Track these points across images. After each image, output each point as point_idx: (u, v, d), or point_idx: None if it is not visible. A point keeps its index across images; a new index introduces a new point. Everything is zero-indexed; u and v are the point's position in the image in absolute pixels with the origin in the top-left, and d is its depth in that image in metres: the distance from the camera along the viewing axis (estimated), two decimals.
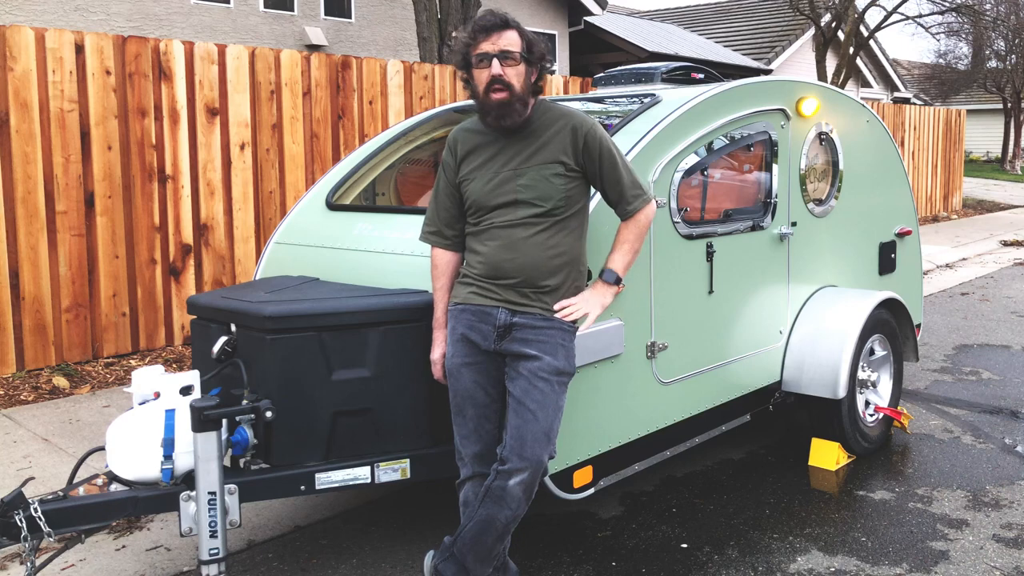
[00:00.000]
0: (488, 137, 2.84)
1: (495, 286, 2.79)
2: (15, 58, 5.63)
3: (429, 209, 2.95)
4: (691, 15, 24.67)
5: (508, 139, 2.82)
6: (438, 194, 2.92)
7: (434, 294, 2.95)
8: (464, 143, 2.89)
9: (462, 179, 2.86)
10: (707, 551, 3.46)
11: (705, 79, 4.44)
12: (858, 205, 4.71)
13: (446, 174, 2.90)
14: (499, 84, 2.66)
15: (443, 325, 2.93)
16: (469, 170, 2.84)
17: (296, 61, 7.06)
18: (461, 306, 2.84)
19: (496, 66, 2.66)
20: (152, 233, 6.34)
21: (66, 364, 5.91)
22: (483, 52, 2.68)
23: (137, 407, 2.98)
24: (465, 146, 2.88)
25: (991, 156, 32.28)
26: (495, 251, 2.78)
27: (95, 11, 10.08)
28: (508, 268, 2.77)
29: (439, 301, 2.94)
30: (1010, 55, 27.34)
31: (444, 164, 2.90)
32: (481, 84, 2.70)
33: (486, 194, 2.79)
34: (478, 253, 2.82)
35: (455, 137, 2.92)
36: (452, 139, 2.92)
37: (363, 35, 13.03)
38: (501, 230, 2.79)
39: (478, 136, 2.87)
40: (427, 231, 2.96)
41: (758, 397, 4.12)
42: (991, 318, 7.80)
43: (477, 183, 2.82)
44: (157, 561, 3.44)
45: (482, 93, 2.71)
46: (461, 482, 2.88)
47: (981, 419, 5.02)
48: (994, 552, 3.43)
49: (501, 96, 2.67)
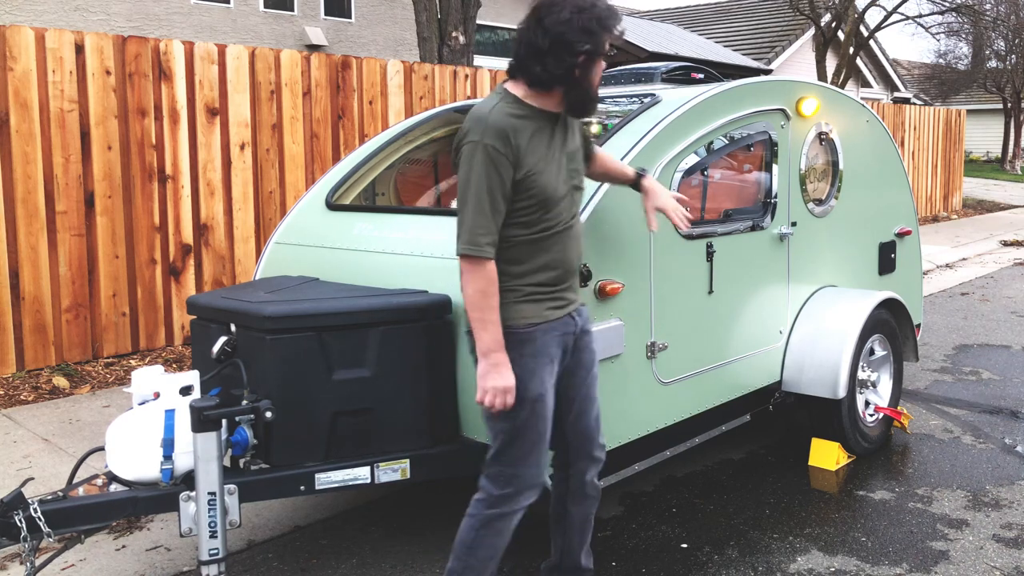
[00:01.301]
0: (536, 123, 2.56)
1: (564, 291, 2.67)
2: (15, 58, 5.63)
3: (479, 216, 2.46)
4: (691, 15, 24.68)
5: (550, 122, 2.61)
6: (493, 197, 2.47)
7: (492, 314, 2.49)
8: (521, 131, 2.51)
9: (530, 172, 2.51)
10: (707, 551, 3.46)
11: (705, 79, 4.44)
12: (858, 205, 4.71)
13: (500, 172, 2.46)
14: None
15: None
16: (535, 160, 2.53)
17: (296, 61, 7.06)
18: (544, 326, 2.61)
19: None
20: (152, 233, 6.34)
21: (66, 364, 5.91)
22: (606, 46, 2.55)
23: (137, 407, 2.98)
24: (523, 135, 2.51)
25: (991, 156, 32.28)
26: (566, 251, 2.64)
27: (95, 11, 10.08)
28: (575, 265, 2.71)
29: (498, 322, 2.52)
30: (1010, 55, 27.34)
31: (496, 157, 2.45)
32: (598, 75, 2.58)
33: (557, 185, 2.59)
34: (542, 258, 2.59)
35: (506, 127, 2.48)
36: (502, 129, 2.47)
37: (363, 35, 13.03)
38: (570, 228, 2.66)
39: (527, 122, 2.54)
40: (487, 242, 2.47)
41: (758, 397, 4.11)
42: (991, 318, 7.80)
43: (547, 176, 2.55)
44: (157, 561, 3.44)
45: (597, 84, 2.58)
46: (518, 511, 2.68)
47: (981, 419, 5.02)
48: (994, 552, 3.43)
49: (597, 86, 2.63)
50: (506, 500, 2.64)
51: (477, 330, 2.50)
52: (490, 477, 2.67)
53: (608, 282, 3.22)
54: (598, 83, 2.60)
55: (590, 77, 2.54)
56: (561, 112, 2.63)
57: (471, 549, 2.65)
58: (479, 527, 2.65)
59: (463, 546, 2.67)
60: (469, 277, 2.48)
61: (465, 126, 2.53)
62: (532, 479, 2.66)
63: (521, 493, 2.65)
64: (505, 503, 2.65)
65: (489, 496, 2.65)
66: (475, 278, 2.48)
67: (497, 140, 2.46)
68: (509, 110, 2.52)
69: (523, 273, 2.59)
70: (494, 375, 2.50)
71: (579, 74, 2.52)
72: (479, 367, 2.53)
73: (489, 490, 2.66)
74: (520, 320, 2.58)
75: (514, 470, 2.63)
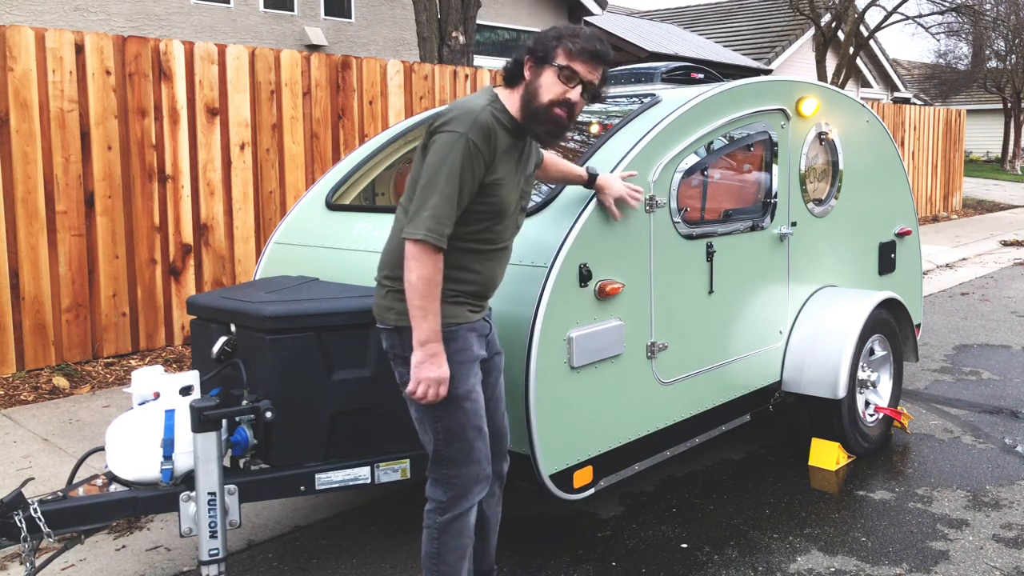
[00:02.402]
0: (512, 138, 2.59)
1: (482, 299, 2.70)
2: (15, 58, 5.63)
3: (447, 206, 2.44)
4: (691, 15, 24.67)
5: (521, 141, 2.65)
6: (462, 191, 2.46)
7: (434, 303, 2.46)
8: (500, 139, 2.52)
9: (498, 180, 2.53)
10: (707, 551, 3.46)
11: (705, 79, 4.43)
12: (858, 205, 4.71)
13: (475, 169, 2.46)
14: (569, 109, 2.57)
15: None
16: (504, 172, 2.55)
17: (296, 61, 7.06)
18: (467, 326, 2.61)
19: (577, 93, 2.56)
20: (152, 233, 6.34)
21: (66, 364, 5.91)
22: (576, 72, 2.54)
23: (137, 407, 2.98)
24: (501, 142, 2.53)
25: (991, 156, 32.28)
26: (496, 270, 2.67)
27: (95, 11, 10.08)
28: (497, 286, 2.74)
29: (439, 312, 2.49)
30: (1010, 55, 27.34)
31: (475, 154, 2.45)
32: (549, 94, 2.53)
33: (512, 201, 2.61)
34: (474, 271, 2.60)
35: (492, 128, 2.48)
36: (487, 129, 2.47)
37: (363, 35, 13.02)
38: (507, 249, 2.68)
39: (507, 134, 2.56)
40: (447, 234, 2.46)
41: (758, 397, 4.11)
42: (991, 318, 7.80)
43: (508, 189, 2.57)
44: (157, 561, 3.44)
45: (546, 102, 2.53)
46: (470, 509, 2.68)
47: (981, 419, 5.02)
48: (994, 552, 3.43)
49: (562, 117, 2.56)
50: (454, 503, 2.62)
51: (417, 319, 2.44)
52: (434, 482, 2.64)
53: (608, 282, 3.22)
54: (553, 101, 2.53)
55: (537, 83, 2.54)
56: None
57: (438, 558, 2.63)
58: (438, 535, 2.62)
59: (429, 558, 2.64)
60: (418, 263, 2.42)
61: (449, 114, 2.49)
62: (475, 475, 2.63)
63: (468, 491, 2.63)
64: (454, 506, 2.62)
65: (438, 503, 2.62)
66: (425, 266, 2.42)
67: (480, 138, 2.45)
68: (498, 116, 2.54)
69: (455, 279, 2.56)
70: (429, 365, 2.46)
71: (529, 77, 2.57)
72: (414, 357, 2.47)
73: (437, 497, 2.63)
74: (445, 320, 2.54)
75: (455, 471, 2.60)
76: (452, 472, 2.61)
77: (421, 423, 2.63)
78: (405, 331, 2.54)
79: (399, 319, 2.56)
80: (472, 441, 2.61)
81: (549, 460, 3.08)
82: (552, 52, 2.54)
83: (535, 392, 2.99)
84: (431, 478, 2.64)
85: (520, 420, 3.02)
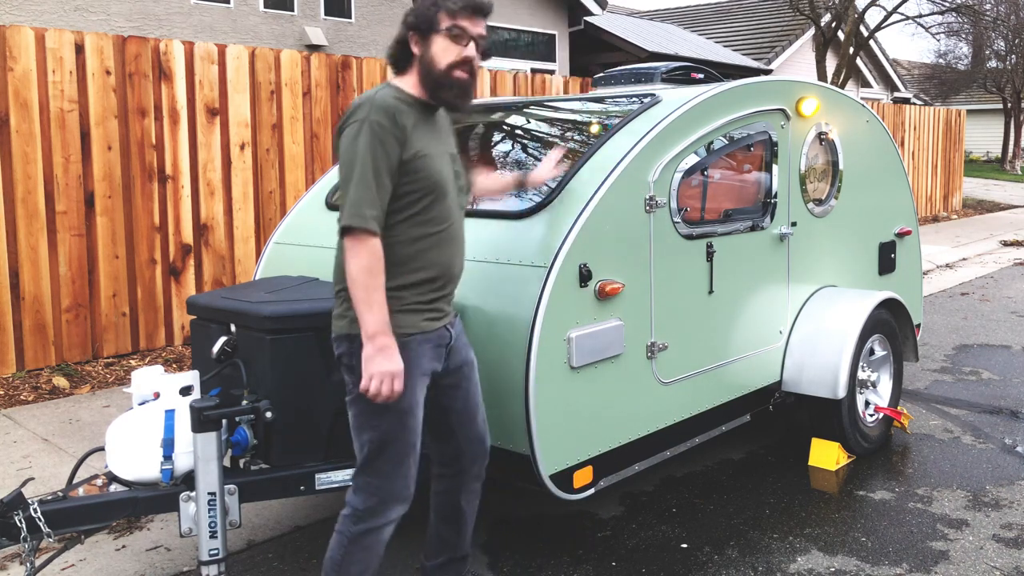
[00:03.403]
0: (418, 111, 2.54)
1: (441, 301, 2.61)
2: (15, 58, 5.63)
3: (364, 190, 2.38)
4: (691, 15, 24.67)
5: (432, 117, 2.60)
6: (379, 172, 2.40)
7: (378, 294, 2.39)
8: (406, 114, 2.48)
9: (418, 153, 2.48)
10: (707, 551, 3.46)
11: (705, 79, 4.44)
12: (858, 205, 4.71)
13: (387, 148, 2.41)
14: (469, 67, 2.55)
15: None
16: (423, 144, 2.50)
17: (296, 61, 7.06)
18: (419, 337, 2.54)
19: (472, 49, 2.54)
20: (152, 233, 6.34)
21: (66, 364, 5.91)
22: (461, 28, 2.52)
23: (137, 407, 2.98)
24: (407, 117, 2.48)
25: (991, 156, 32.28)
26: (452, 256, 2.59)
27: (95, 11, 10.07)
28: (457, 273, 2.64)
29: (384, 303, 2.41)
30: (1010, 55, 27.34)
31: (382, 133, 2.41)
32: (446, 58, 2.51)
33: (447, 175, 2.56)
34: (425, 262, 2.52)
35: (392, 106, 2.45)
36: (389, 106, 2.44)
37: (363, 35, 13.02)
38: (456, 232, 2.60)
39: (411, 108, 2.52)
40: (372, 216, 2.39)
41: (758, 397, 4.11)
42: (991, 318, 7.80)
43: (437, 161, 2.52)
44: (157, 561, 3.44)
45: (444, 67, 2.51)
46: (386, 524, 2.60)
47: (981, 419, 5.02)
48: (994, 552, 3.43)
49: (465, 78, 2.55)
50: (372, 514, 2.56)
51: (362, 311, 2.38)
52: (356, 489, 2.59)
53: (608, 282, 3.22)
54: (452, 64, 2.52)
55: (431, 53, 2.52)
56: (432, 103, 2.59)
57: (340, 566, 2.58)
58: (348, 544, 2.57)
59: (332, 564, 2.59)
60: (353, 254, 2.37)
61: (349, 110, 2.49)
62: (399, 491, 2.58)
63: (388, 506, 2.57)
64: (372, 517, 2.56)
65: (355, 511, 2.57)
66: (359, 254, 2.37)
67: (383, 117, 2.42)
68: (394, 94, 2.51)
69: (403, 275, 2.51)
70: (380, 359, 2.38)
71: (420, 51, 2.54)
72: (364, 352, 2.40)
73: (355, 504, 2.58)
74: (396, 329, 2.47)
75: (380, 481, 2.55)
76: (376, 482, 2.56)
77: (357, 430, 2.57)
78: (356, 338, 2.49)
79: (350, 326, 2.52)
80: (403, 457, 2.56)
81: (549, 460, 3.08)
82: (435, 19, 2.52)
83: (535, 392, 2.99)
84: (354, 485, 2.60)
85: (520, 420, 3.01)
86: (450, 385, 2.76)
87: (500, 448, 3.12)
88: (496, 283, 3.15)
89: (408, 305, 2.53)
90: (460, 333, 2.79)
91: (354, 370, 2.53)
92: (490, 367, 3.05)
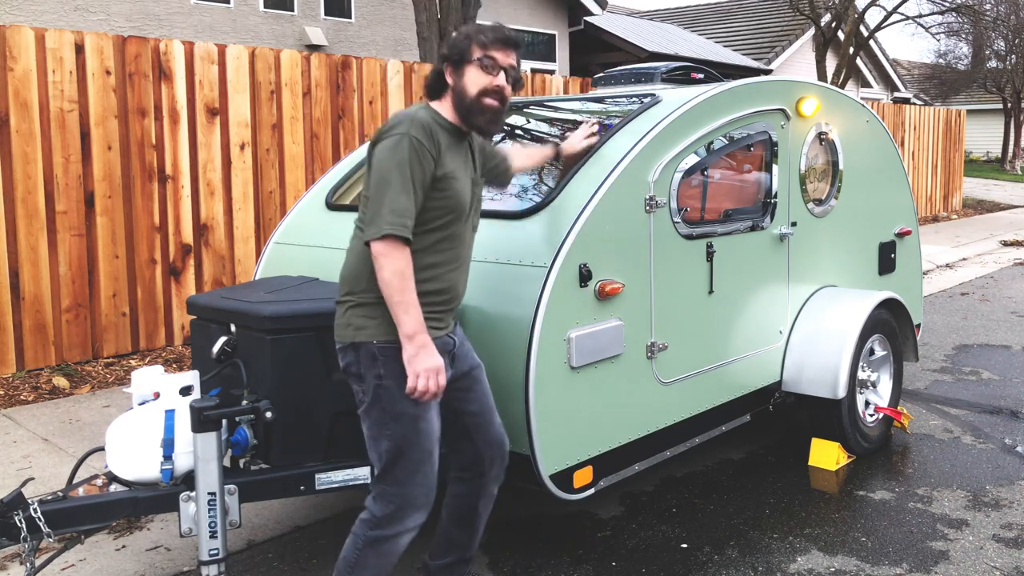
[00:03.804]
0: (451, 136, 2.67)
1: (446, 315, 2.69)
2: (15, 58, 5.63)
3: (404, 198, 2.48)
4: (691, 15, 24.67)
5: (463, 143, 2.74)
6: (415, 184, 2.50)
7: (412, 295, 2.47)
8: (443, 137, 2.62)
9: (448, 174, 2.59)
10: (707, 551, 3.46)
11: (705, 79, 4.43)
12: (858, 205, 4.71)
13: (423, 163, 2.52)
14: (499, 95, 2.68)
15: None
16: (454, 166, 2.63)
17: (296, 61, 7.06)
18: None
19: (502, 79, 2.68)
20: (152, 233, 6.34)
21: (66, 364, 5.91)
22: (493, 59, 2.67)
23: (137, 407, 2.98)
24: (443, 138, 2.62)
25: (991, 156, 32.28)
26: (459, 278, 2.70)
27: (95, 11, 10.07)
28: (461, 294, 2.75)
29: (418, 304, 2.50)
30: (1010, 55, 27.33)
31: (419, 151, 2.51)
32: (478, 86, 2.65)
33: (469, 199, 2.67)
34: (437, 277, 2.62)
35: (431, 125, 2.58)
36: (428, 125, 2.56)
37: (363, 35, 13.02)
38: (466, 257, 2.72)
39: (445, 132, 2.65)
40: (410, 225, 2.49)
41: (758, 397, 4.11)
42: (991, 318, 7.80)
43: (461, 184, 2.64)
44: (157, 561, 3.44)
45: (475, 95, 2.64)
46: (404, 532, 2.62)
47: (981, 419, 5.02)
48: (994, 552, 3.43)
49: (496, 105, 2.68)
50: (390, 521, 2.58)
51: (399, 315, 2.45)
52: (375, 497, 2.61)
53: (608, 282, 3.22)
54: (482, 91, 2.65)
55: (463, 83, 2.66)
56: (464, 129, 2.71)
57: (353, 568, 2.60)
58: (362, 547, 2.59)
59: (345, 564, 2.61)
60: (389, 260, 2.44)
61: (389, 123, 2.58)
62: (417, 499, 2.60)
63: (406, 513, 2.60)
64: (389, 524, 2.59)
65: (373, 517, 2.60)
66: (395, 260, 2.45)
67: (422, 134, 2.54)
68: (431, 115, 2.64)
69: (418, 285, 2.55)
70: (423, 356, 2.47)
71: (453, 81, 2.68)
72: (405, 353, 2.48)
73: (373, 511, 2.60)
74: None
75: (398, 489, 2.58)
76: (393, 490, 2.58)
77: (373, 440, 2.59)
78: (362, 347, 2.55)
79: (356, 334, 2.56)
80: (419, 464, 2.58)
81: (549, 460, 3.08)
82: (468, 50, 2.67)
83: (535, 392, 2.99)
84: (373, 493, 2.63)
85: (520, 420, 3.02)
86: (463, 388, 2.80)
87: None
88: (496, 283, 3.15)
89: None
90: (463, 339, 2.84)
91: (363, 379, 2.57)
92: (490, 367, 3.05)
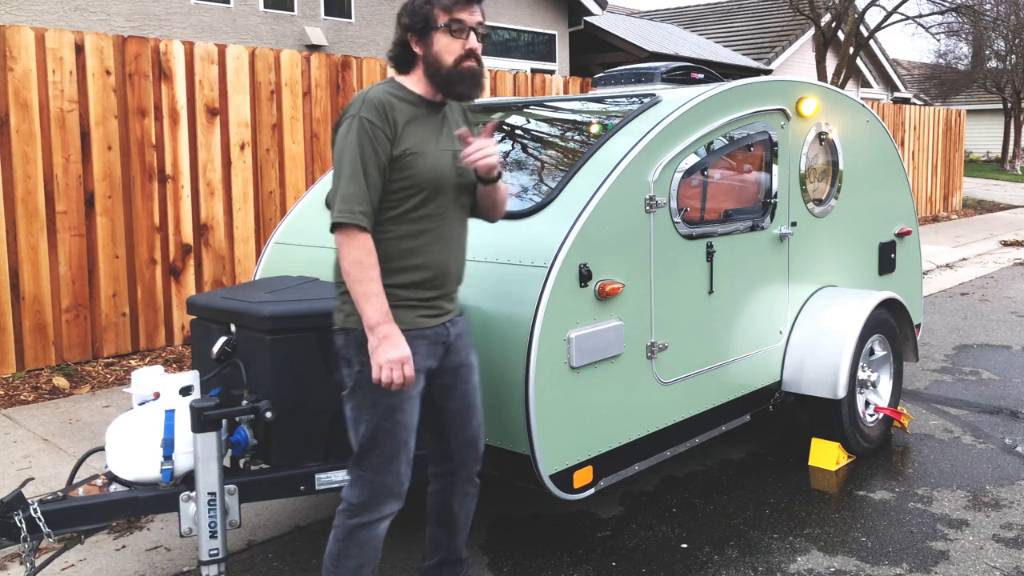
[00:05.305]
0: (417, 108, 2.56)
1: (439, 300, 2.62)
2: (15, 58, 5.63)
3: (353, 185, 2.43)
4: (691, 15, 24.67)
5: (438, 114, 2.61)
6: (367, 168, 2.44)
7: (373, 285, 2.42)
8: (399, 110, 2.51)
9: (408, 151, 2.50)
10: (707, 551, 3.46)
11: (705, 79, 4.44)
12: (858, 205, 4.71)
13: (376, 144, 2.45)
14: (475, 58, 2.56)
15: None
16: (416, 141, 2.52)
17: (296, 61, 7.06)
18: (412, 333, 2.55)
19: (474, 40, 2.56)
20: (152, 233, 6.34)
21: (66, 364, 5.91)
22: (460, 21, 2.53)
23: (137, 407, 2.98)
24: (401, 113, 2.51)
25: (991, 156, 32.28)
26: (446, 254, 2.60)
27: (95, 11, 10.07)
28: (454, 271, 2.65)
29: (381, 293, 2.44)
30: (1010, 55, 27.33)
31: (371, 130, 2.45)
32: (452, 53, 2.53)
33: (446, 174, 2.56)
34: (417, 260, 2.55)
35: (384, 102, 2.48)
36: (381, 103, 2.48)
37: (363, 35, 13.02)
38: (452, 229, 2.61)
39: (407, 105, 2.55)
40: (361, 211, 2.42)
41: (758, 397, 4.11)
42: (991, 318, 7.80)
43: (430, 159, 2.53)
44: (157, 561, 3.44)
45: (451, 62, 2.53)
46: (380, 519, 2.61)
47: (981, 419, 5.02)
48: (994, 552, 3.43)
49: (474, 66, 2.57)
50: (366, 508, 2.58)
51: (361, 304, 2.42)
52: (351, 483, 2.62)
53: (608, 282, 3.22)
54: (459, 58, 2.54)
55: (434, 51, 2.54)
56: (443, 102, 2.62)
57: (337, 560, 2.60)
58: (343, 538, 2.59)
59: (330, 558, 2.62)
60: (345, 249, 2.42)
61: (346, 106, 2.53)
62: (391, 486, 2.59)
63: (381, 501, 2.59)
64: (365, 511, 2.58)
65: (350, 506, 2.60)
66: (350, 249, 2.41)
67: (373, 114, 2.46)
68: (390, 90, 2.54)
69: (397, 272, 2.53)
70: (386, 347, 2.42)
71: (423, 51, 2.55)
72: (369, 343, 2.44)
73: (349, 498, 2.60)
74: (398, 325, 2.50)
75: (372, 476, 2.57)
76: (368, 476, 2.58)
77: (353, 423, 2.59)
78: (352, 332, 2.54)
79: (345, 320, 2.57)
80: (394, 452, 2.57)
81: (549, 460, 3.08)
82: (431, 16, 2.53)
83: (535, 392, 2.99)
84: (350, 479, 2.63)
85: (520, 420, 3.02)
86: (444, 385, 2.74)
87: (500, 448, 3.12)
88: (496, 283, 3.15)
89: (402, 301, 2.55)
90: (462, 333, 2.77)
91: (350, 363, 2.56)
92: (490, 367, 3.05)
